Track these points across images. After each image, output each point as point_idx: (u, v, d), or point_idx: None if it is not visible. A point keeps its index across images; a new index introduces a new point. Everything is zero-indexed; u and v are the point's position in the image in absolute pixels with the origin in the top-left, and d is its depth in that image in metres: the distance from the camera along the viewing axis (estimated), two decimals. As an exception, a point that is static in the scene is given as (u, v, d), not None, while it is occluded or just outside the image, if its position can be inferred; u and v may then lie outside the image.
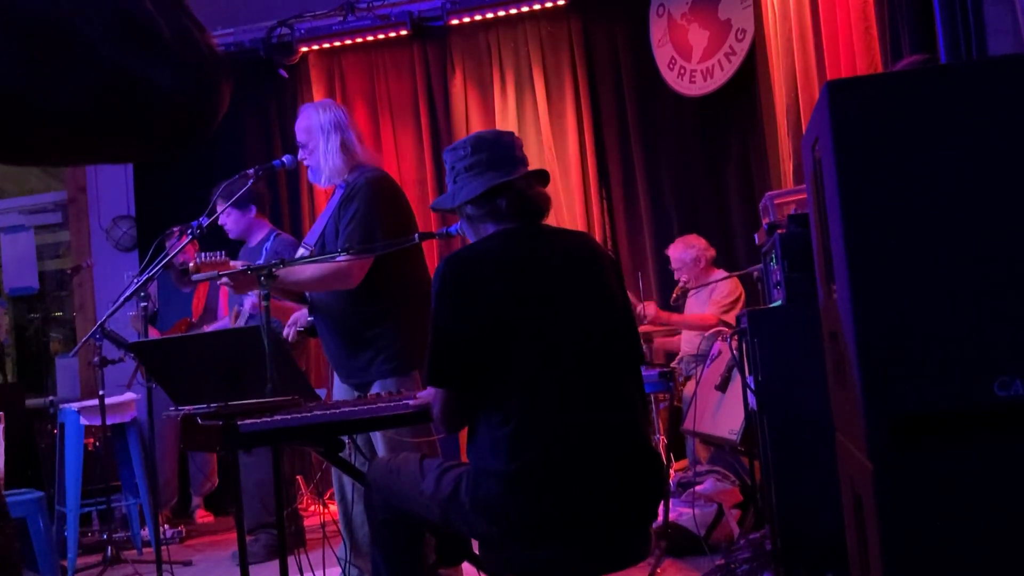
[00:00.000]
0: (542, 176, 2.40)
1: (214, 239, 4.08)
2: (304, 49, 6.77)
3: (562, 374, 2.16)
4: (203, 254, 3.22)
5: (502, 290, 2.17)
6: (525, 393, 2.14)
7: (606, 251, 2.46)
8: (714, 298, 5.36)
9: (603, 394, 2.21)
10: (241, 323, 4.59)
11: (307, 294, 3.39)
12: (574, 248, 2.33)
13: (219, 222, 4.66)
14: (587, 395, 2.18)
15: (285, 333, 3.70)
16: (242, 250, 4.78)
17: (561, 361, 2.17)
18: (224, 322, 5.24)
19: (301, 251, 3.42)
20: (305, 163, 3.39)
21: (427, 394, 2.44)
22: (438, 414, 2.27)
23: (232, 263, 3.24)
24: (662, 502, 3.86)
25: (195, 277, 3.26)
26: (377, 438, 3.21)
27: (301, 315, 3.64)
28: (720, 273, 5.42)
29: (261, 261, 4.50)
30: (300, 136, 3.38)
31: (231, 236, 4.77)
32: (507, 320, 2.15)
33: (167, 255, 3.92)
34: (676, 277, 5.59)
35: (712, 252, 5.56)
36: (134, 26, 0.78)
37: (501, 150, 2.33)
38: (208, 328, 5.39)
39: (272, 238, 4.74)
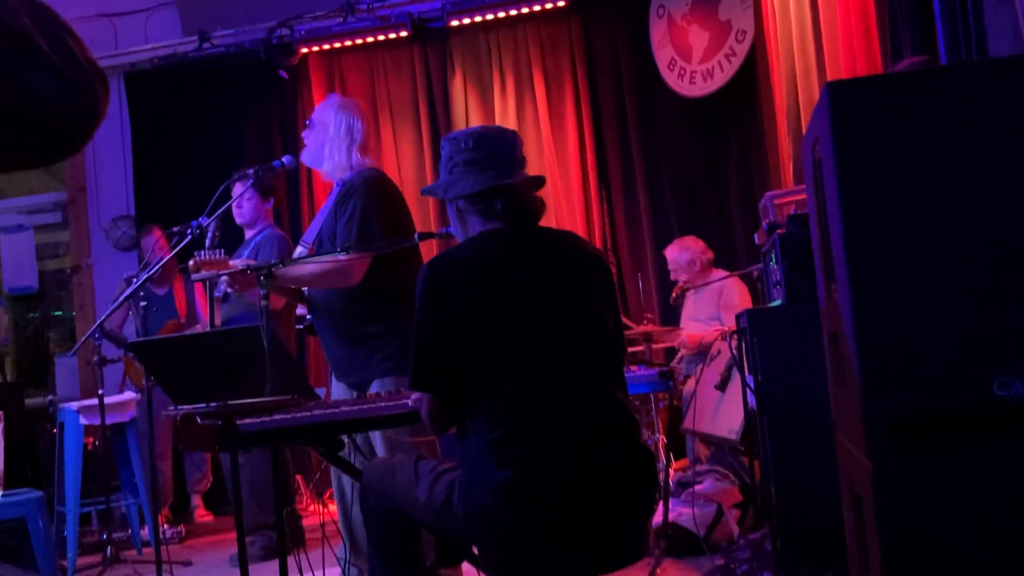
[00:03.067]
0: (539, 181, 2.41)
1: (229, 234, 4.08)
2: (304, 50, 6.77)
3: (545, 378, 2.15)
4: (203, 252, 3.22)
5: (482, 296, 2.17)
6: (509, 399, 2.13)
7: (595, 250, 2.45)
8: (727, 302, 5.31)
9: (588, 396, 2.19)
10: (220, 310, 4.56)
11: (306, 292, 3.39)
12: (558, 250, 2.32)
13: (235, 205, 4.64)
14: (572, 398, 2.17)
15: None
16: (241, 246, 4.77)
17: (543, 366, 2.16)
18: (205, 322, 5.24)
19: (299, 250, 3.42)
20: (305, 141, 3.43)
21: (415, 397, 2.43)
22: (424, 417, 2.28)
23: (232, 262, 3.24)
24: (661, 502, 3.86)
25: (194, 277, 3.26)
26: (376, 437, 3.21)
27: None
28: (720, 274, 5.41)
29: (246, 254, 4.50)
30: (316, 115, 3.43)
31: (240, 221, 4.73)
32: (488, 326, 2.15)
33: (151, 254, 3.92)
34: (673, 278, 5.58)
35: (710, 255, 5.54)
36: (11, 36, 0.80)
37: (503, 149, 2.32)
38: (190, 331, 5.40)
39: (264, 232, 4.72)
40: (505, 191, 2.28)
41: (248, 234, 4.78)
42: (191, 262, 3.21)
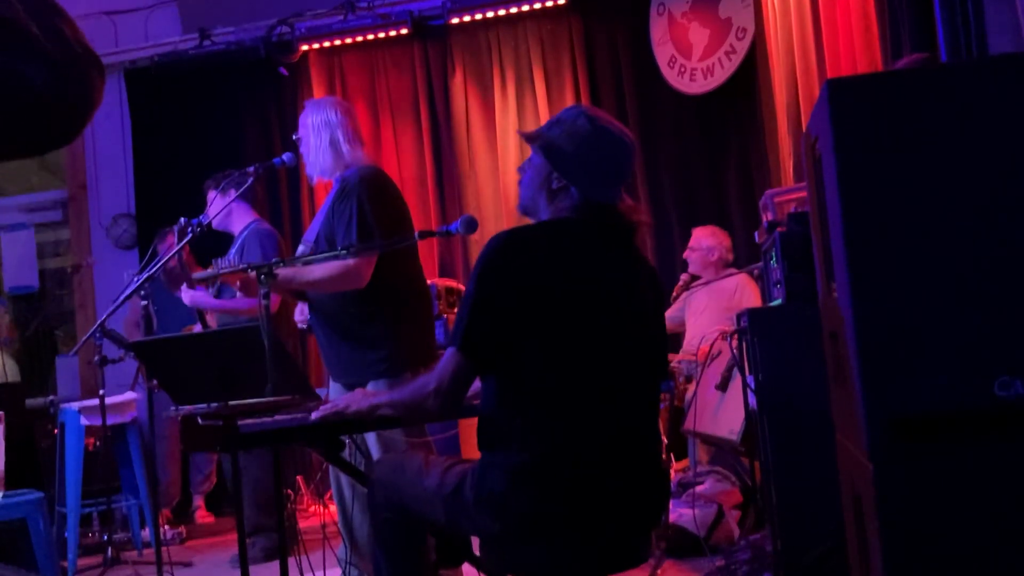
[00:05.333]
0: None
1: (211, 239, 4.04)
2: (304, 48, 6.77)
3: (584, 373, 2.15)
4: (219, 261, 3.20)
5: (551, 279, 2.15)
6: (544, 385, 2.13)
7: (650, 265, 2.43)
8: (741, 302, 5.23)
9: (621, 400, 2.20)
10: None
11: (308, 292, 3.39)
12: (624, 255, 2.31)
13: (207, 210, 4.62)
14: (605, 398, 2.17)
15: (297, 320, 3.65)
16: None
17: (586, 361, 2.15)
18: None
19: (301, 248, 3.41)
20: (303, 156, 3.44)
21: (419, 379, 2.31)
22: (444, 383, 2.17)
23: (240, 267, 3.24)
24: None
25: (195, 276, 3.26)
26: (371, 438, 3.20)
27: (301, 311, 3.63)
28: (729, 271, 5.36)
29: (232, 252, 4.47)
30: (299, 130, 3.44)
31: (215, 225, 4.65)
32: (547, 308, 2.13)
33: (160, 257, 3.89)
34: (685, 256, 5.51)
35: (731, 255, 5.47)
36: (1, 23, 0.78)
37: (628, 168, 2.31)
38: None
39: (249, 228, 4.65)
40: (618, 209, 2.28)
41: (235, 233, 4.76)
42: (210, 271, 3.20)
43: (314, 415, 2.45)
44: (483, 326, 2.14)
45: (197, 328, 5.33)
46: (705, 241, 5.43)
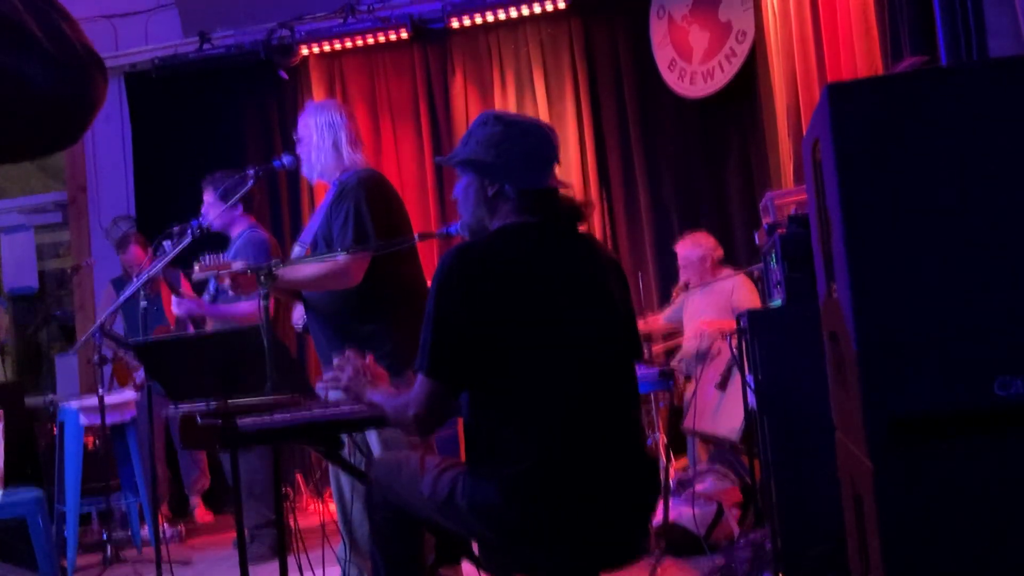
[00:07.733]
0: (564, 184, 2.41)
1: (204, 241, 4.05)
2: (304, 51, 6.77)
3: (562, 378, 2.15)
4: (206, 256, 3.22)
5: (512, 289, 2.15)
6: (524, 395, 2.12)
7: (610, 253, 2.44)
8: (739, 303, 5.23)
9: (602, 399, 2.20)
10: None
11: (303, 292, 3.40)
12: (583, 252, 2.31)
13: (203, 211, 4.65)
14: (586, 400, 2.17)
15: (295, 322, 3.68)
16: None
17: (562, 365, 2.15)
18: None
19: (296, 249, 3.43)
20: (300, 156, 3.44)
21: (401, 399, 2.30)
22: (422, 410, 2.17)
23: (233, 264, 3.25)
24: (661, 501, 3.86)
25: (195, 277, 3.27)
26: (372, 437, 3.21)
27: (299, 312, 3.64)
28: (725, 272, 5.38)
29: (230, 255, 4.49)
30: (299, 130, 3.44)
31: (213, 228, 4.66)
32: (513, 318, 2.13)
33: (136, 273, 3.90)
34: (682, 276, 5.54)
35: (720, 252, 5.52)
36: (2, 24, 0.78)
37: (552, 149, 2.33)
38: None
39: (242, 236, 4.68)
40: (555, 195, 2.30)
41: (232, 236, 4.78)
42: (196, 266, 3.22)
43: (319, 386, 2.45)
44: (448, 347, 2.13)
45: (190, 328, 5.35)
46: (693, 254, 5.46)
